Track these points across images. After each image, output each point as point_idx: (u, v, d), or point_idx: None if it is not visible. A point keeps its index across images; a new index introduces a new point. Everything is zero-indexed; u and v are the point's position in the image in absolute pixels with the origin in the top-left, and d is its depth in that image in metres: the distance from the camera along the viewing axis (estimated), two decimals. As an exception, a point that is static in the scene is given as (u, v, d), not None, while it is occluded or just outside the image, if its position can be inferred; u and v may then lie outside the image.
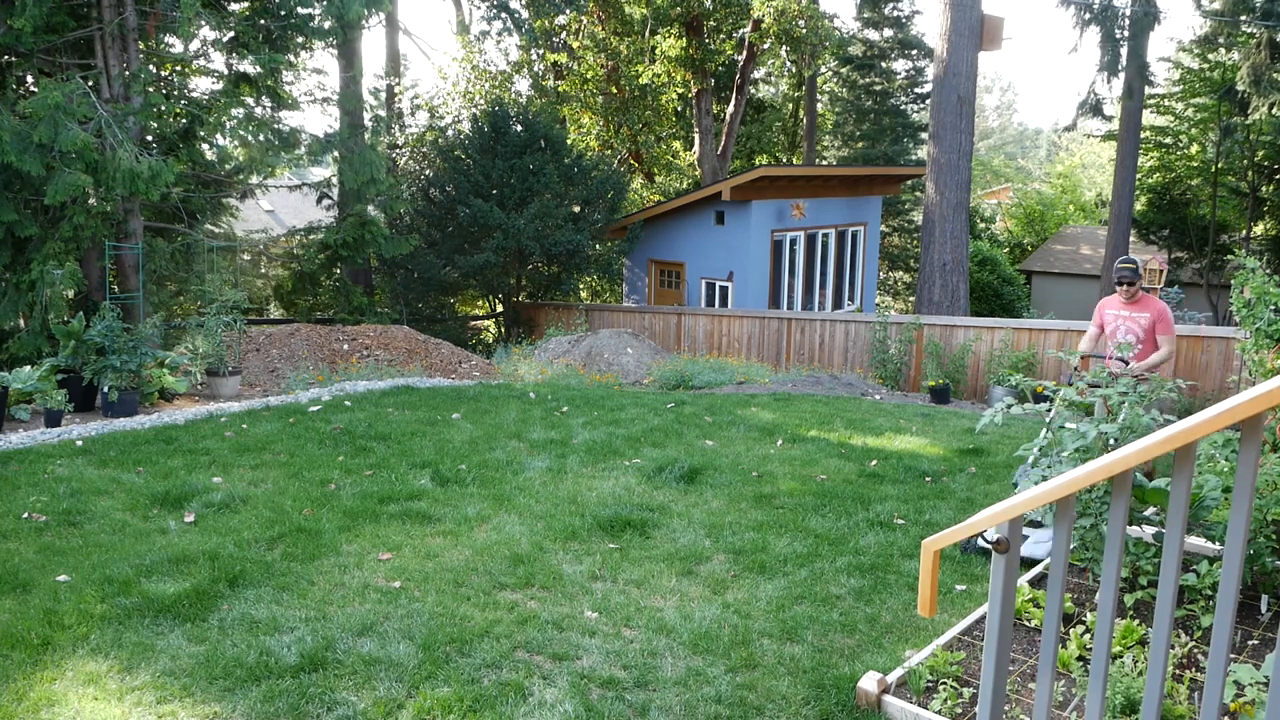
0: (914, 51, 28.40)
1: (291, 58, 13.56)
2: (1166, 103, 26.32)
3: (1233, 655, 3.73)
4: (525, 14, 22.30)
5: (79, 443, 7.43)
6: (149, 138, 11.82)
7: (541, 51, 24.24)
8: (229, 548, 5.09)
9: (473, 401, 9.48)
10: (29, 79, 11.88)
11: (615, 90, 23.38)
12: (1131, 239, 22.71)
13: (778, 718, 3.54)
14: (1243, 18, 20.48)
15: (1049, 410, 4.83)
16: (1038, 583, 4.68)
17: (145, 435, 7.75)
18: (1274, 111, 19.33)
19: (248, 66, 12.62)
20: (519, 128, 18.03)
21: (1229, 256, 23.48)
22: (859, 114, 29.37)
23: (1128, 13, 20.03)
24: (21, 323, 10.85)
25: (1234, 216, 25.25)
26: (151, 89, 11.09)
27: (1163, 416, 4.19)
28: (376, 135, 16.32)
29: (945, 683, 3.60)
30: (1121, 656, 3.74)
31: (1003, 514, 2.54)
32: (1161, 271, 9.26)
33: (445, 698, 3.57)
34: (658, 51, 22.54)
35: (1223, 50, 23.02)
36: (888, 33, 28.39)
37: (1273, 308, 5.34)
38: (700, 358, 14.22)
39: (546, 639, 4.10)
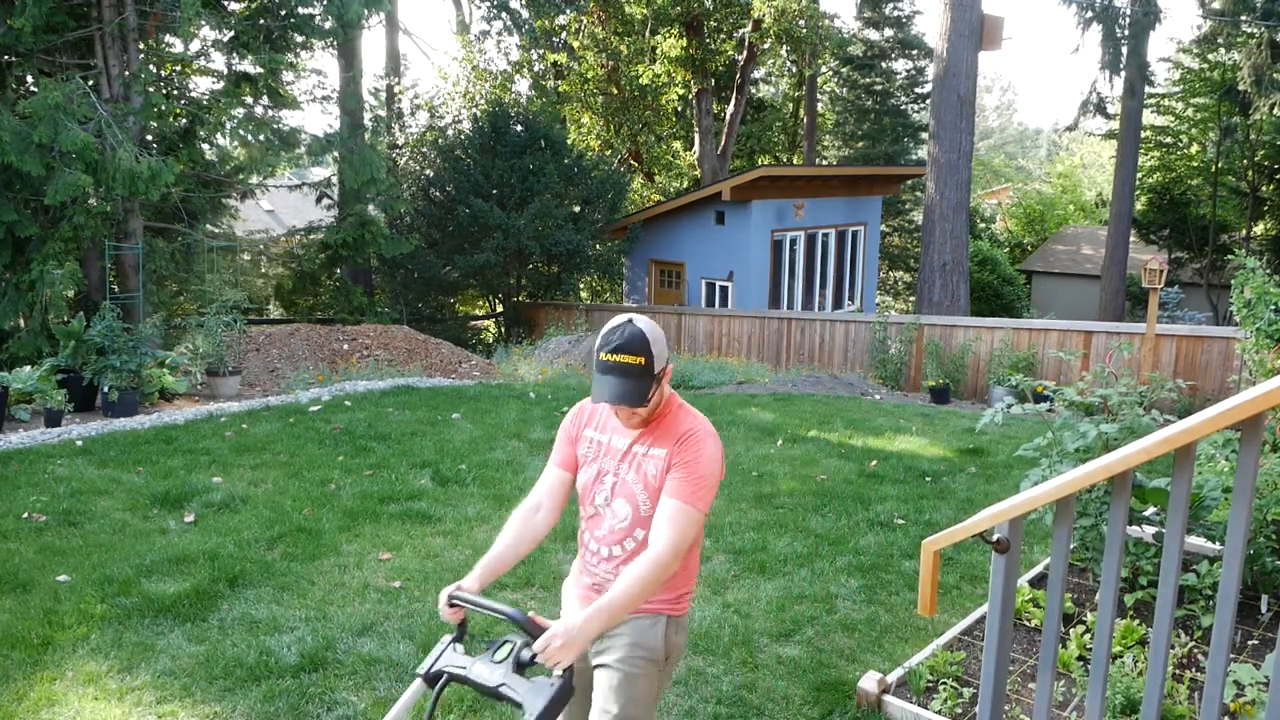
0: (914, 51, 28.39)
1: (291, 57, 13.54)
2: (1167, 103, 26.32)
3: (1233, 655, 3.73)
4: (525, 14, 22.29)
5: (79, 443, 7.42)
6: (149, 138, 11.80)
7: (541, 51, 24.23)
8: (229, 547, 5.09)
9: (473, 401, 9.48)
10: (29, 79, 11.87)
11: (615, 90, 23.37)
12: (1131, 239, 22.71)
13: (778, 718, 3.54)
14: (1243, 18, 20.47)
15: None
16: (1038, 583, 4.68)
17: (145, 435, 7.75)
18: (1275, 111, 19.32)
19: (248, 66, 12.61)
20: (519, 127, 18.02)
21: (1229, 256, 23.45)
22: (859, 114, 29.35)
23: (1128, 12, 20.02)
24: (22, 323, 10.83)
25: (1234, 216, 25.23)
26: (152, 89, 11.08)
27: (1163, 417, 4.18)
28: (376, 135, 16.30)
29: (945, 683, 3.60)
30: (1121, 656, 3.74)
31: (1003, 514, 2.54)
32: (1161, 271, 9.26)
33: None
34: (658, 51, 22.54)
35: (1223, 50, 23.01)
36: (888, 32, 28.37)
37: (1273, 308, 5.34)
38: (700, 357, 14.22)
39: (546, 639, 4.09)
